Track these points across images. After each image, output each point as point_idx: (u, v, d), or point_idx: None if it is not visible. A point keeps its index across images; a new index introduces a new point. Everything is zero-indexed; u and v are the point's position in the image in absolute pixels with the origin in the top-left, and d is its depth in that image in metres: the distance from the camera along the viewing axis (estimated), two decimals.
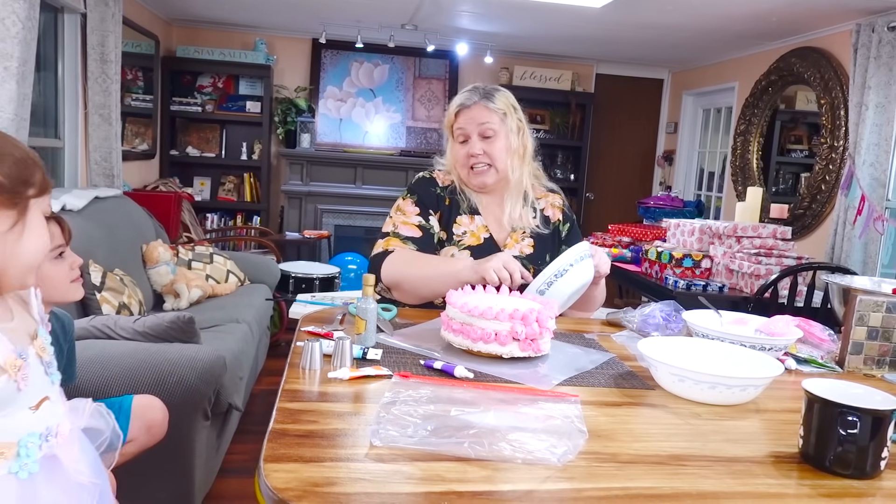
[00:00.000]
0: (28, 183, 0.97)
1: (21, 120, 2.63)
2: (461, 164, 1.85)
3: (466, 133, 1.82)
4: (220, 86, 5.67)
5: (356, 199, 5.61)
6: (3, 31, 2.50)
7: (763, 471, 0.93)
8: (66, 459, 1.05)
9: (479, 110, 1.81)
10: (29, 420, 1.00)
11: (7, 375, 0.95)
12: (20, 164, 0.97)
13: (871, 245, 3.58)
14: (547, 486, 0.84)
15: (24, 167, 0.98)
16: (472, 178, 1.85)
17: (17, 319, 1.03)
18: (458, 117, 1.83)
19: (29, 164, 0.98)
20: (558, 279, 1.55)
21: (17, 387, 0.96)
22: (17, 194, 0.96)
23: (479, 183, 1.85)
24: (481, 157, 1.81)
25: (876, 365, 1.47)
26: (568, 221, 1.95)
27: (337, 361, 1.19)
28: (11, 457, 0.97)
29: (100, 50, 3.63)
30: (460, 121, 1.82)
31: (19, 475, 0.97)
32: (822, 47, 4.19)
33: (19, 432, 0.98)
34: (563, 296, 1.58)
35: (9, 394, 0.96)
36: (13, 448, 0.97)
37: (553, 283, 1.55)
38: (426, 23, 4.98)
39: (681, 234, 3.49)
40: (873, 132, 3.55)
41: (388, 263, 1.72)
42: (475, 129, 1.81)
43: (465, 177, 1.86)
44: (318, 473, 0.82)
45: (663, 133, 6.38)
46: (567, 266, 1.55)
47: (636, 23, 4.42)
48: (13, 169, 0.95)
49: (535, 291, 1.55)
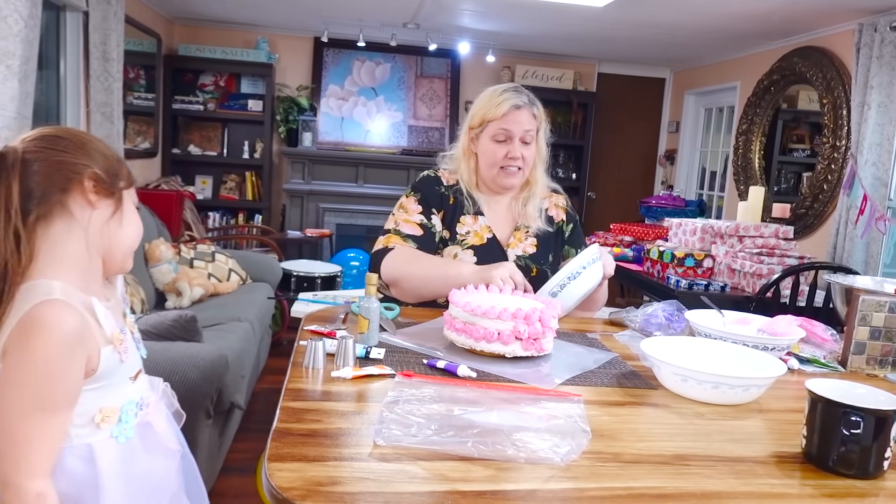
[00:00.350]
0: (119, 176, 1.11)
1: (23, 118, 2.63)
2: (494, 162, 1.81)
3: (510, 134, 1.78)
4: (221, 84, 5.67)
5: (358, 197, 5.61)
6: (6, 29, 2.51)
7: (766, 471, 0.93)
8: (157, 427, 1.16)
9: (527, 115, 1.79)
10: (129, 389, 1.11)
11: (112, 347, 1.06)
12: (110, 160, 1.10)
13: (872, 245, 3.58)
14: (550, 485, 0.84)
15: (114, 163, 1.11)
16: (503, 179, 1.82)
17: (112, 300, 1.16)
18: (506, 117, 1.77)
19: (116, 160, 1.12)
20: (571, 282, 1.57)
21: (119, 358, 1.07)
22: (112, 185, 1.09)
23: (507, 184, 1.83)
24: (518, 161, 1.80)
25: (878, 365, 1.47)
26: (571, 222, 1.96)
27: (340, 360, 1.20)
28: (114, 422, 1.07)
29: (102, 48, 3.63)
30: (507, 121, 1.78)
31: (119, 439, 1.08)
32: (824, 47, 4.18)
33: (121, 400, 1.09)
34: (574, 298, 1.61)
35: (114, 364, 1.07)
36: (116, 414, 1.08)
37: (566, 286, 1.57)
38: (428, 21, 4.98)
39: (683, 233, 3.49)
40: (875, 132, 3.54)
41: (389, 260, 1.72)
42: (519, 133, 1.78)
43: (494, 175, 1.83)
44: (322, 473, 0.82)
45: (665, 132, 6.38)
46: (580, 269, 1.57)
47: (638, 22, 4.41)
48: (106, 164, 1.09)
49: (548, 294, 1.56)
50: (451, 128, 5.90)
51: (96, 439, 1.05)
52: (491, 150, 1.80)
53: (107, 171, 1.08)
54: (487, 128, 1.80)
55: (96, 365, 1.03)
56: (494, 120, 1.78)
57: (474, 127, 1.83)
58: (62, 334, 0.98)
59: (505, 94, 1.80)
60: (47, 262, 1.03)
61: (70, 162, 1.05)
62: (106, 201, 1.09)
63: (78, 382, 1.02)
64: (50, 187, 1.03)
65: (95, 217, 1.08)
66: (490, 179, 1.85)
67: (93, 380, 1.04)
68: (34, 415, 0.97)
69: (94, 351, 1.03)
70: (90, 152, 1.08)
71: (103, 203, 1.08)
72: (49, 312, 0.98)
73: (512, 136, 1.78)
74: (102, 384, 1.06)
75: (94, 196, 1.07)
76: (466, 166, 1.87)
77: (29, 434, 0.97)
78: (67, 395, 1.01)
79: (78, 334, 1.00)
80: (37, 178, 1.03)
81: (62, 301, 1.00)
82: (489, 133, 1.80)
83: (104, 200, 1.08)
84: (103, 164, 1.08)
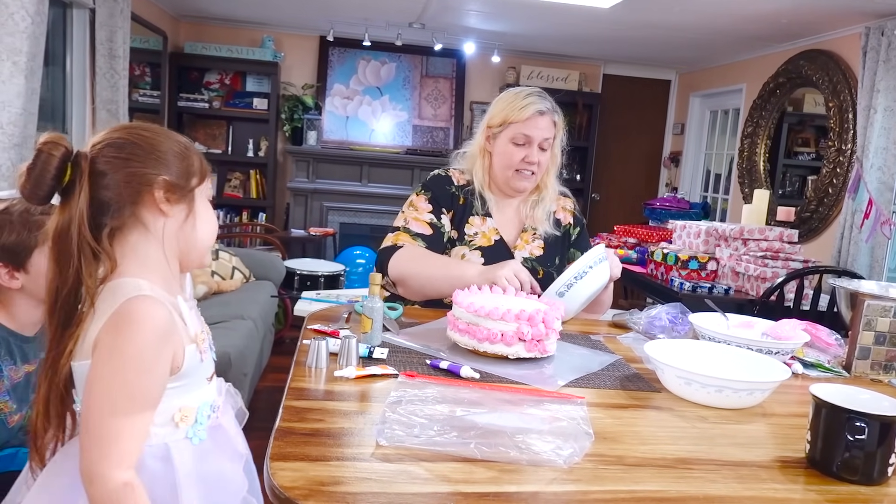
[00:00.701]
0: (190, 175, 1.09)
1: (29, 114, 2.64)
2: (510, 164, 1.81)
3: (531, 139, 1.78)
4: (227, 82, 5.68)
5: (362, 196, 5.62)
6: (13, 25, 2.51)
7: (770, 475, 0.93)
8: (228, 430, 1.16)
9: (548, 122, 1.79)
10: (205, 390, 1.11)
11: (195, 346, 1.07)
12: (181, 159, 1.08)
13: (877, 249, 3.57)
14: (553, 487, 0.84)
15: (185, 160, 1.08)
16: (516, 181, 1.82)
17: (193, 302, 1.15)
18: (529, 121, 1.77)
19: (187, 156, 1.09)
20: (577, 281, 1.56)
21: (200, 358, 1.08)
22: (183, 188, 1.07)
23: (520, 187, 1.83)
24: (534, 167, 1.80)
25: (883, 370, 1.46)
26: (578, 225, 1.96)
27: (343, 360, 1.19)
28: (190, 422, 1.07)
29: (108, 45, 3.64)
30: (529, 125, 1.77)
31: (193, 440, 1.07)
32: (830, 50, 4.17)
33: (198, 400, 1.09)
34: (581, 298, 1.60)
35: (196, 363, 1.07)
36: (193, 414, 1.07)
37: (572, 286, 1.56)
38: (434, 21, 4.98)
39: (687, 235, 3.48)
40: (881, 136, 3.53)
41: (396, 259, 1.72)
42: (539, 139, 1.78)
43: (508, 177, 1.83)
44: (324, 472, 0.82)
45: (670, 134, 6.37)
46: (586, 269, 1.57)
47: (644, 23, 4.41)
48: (177, 166, 1.07)
49: (555, 294, 1.55)
50: (456, 128, 5.90)
51: (173, 439, 1.05)
52: (509, 152, 1.80)
53: (179, 175, 1.07)
54: (508, 129, 1.80)
55: (181, 362, 1.04)
56: (516, 122, 1.78)
57: (493, 126, 1.83)
58: (153, 329, 0.99)
59: (530, 97, 1.79)
60: (130, 263, 1.04)
61: (140, 173, 1.04)
62: (178, 207, 1.08)
63: (165, 378, 1.02)
64: (121, 201, 1.03)
65: (169, 224, 1.07)
66: (503, 181, 1.84)
67: (176, 377, 1.04)
68: (123, 409, 0.97)
69: (179, 348, 1.03)
70: (161, 156, 1.06)
71: (176, 209, 1.07)
72: (140, 307, 0.99)
73: (531, 141, 1.78)
74: (184, 383, 1.06)
75: (166, 205, 1.06)
76: (481, 165, 1.86)
77: (117, 427, 0.96)
78: (155, 390, 1.01)
79: (167, 329, 1.01)
80: (108, 192, 1.03)
81: (152, 297, 1.00)
82: (509, 135, 1.80)
83: (176, 206, 1.07)
84: (175, 166, 1.07)
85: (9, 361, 1.50)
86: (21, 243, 1.47)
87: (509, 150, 1.80)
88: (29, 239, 1.48)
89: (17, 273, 1.48)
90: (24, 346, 1.54)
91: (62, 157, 1.00)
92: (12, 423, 1.51)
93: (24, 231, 1.48)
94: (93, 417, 0.97)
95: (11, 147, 2.53)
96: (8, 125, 2.52)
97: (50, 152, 1.00)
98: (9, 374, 1.50)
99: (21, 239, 1.47)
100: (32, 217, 1.50)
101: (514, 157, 1.79)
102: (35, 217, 1.51)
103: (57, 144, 1.00)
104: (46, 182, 1.00)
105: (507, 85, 5.71)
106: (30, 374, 1.56)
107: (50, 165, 1.00)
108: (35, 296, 1.53)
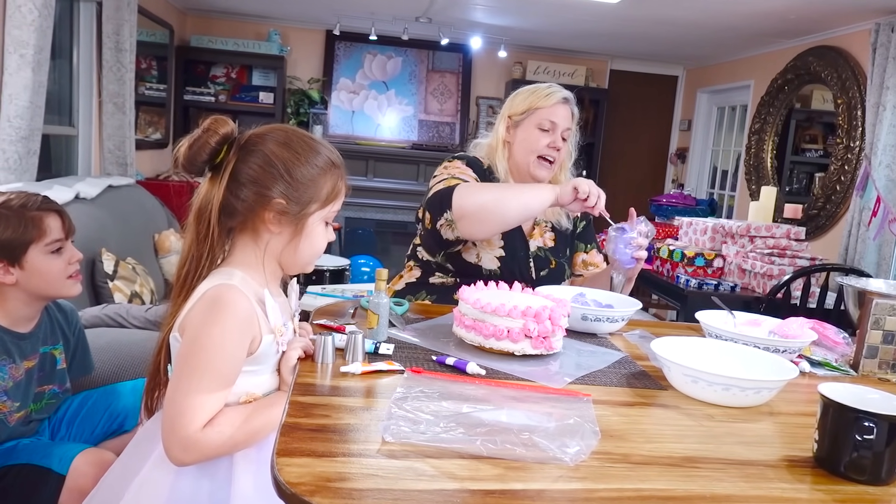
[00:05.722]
0: (311, 201, 1.16)
1: (36, 107, 2.64)
2: (534, 149, 1.82)
3: (555, 125, 1.81)
4: (233, 76, 5.68)
5: (368, 191, 5.61)
6: (20, 18, 2.51)
7: (777, 475, 0.92)
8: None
9: (569, 112, 1.84)
10: (270, 380, 1.19)
11: (273, 336, 1.14)
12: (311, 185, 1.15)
13: (885, 247, 3.55)
14: (559, 485, 0.83)
15: (313, 186, 1.16)
16: (537, 169, 1.84)
17: (282, 298, 1.24)
18: (555, 108, 1.81)
19: (317, 181, 1.17)
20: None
21: (276, 349, 1.15)
22: (297, 216, 1.16)
23: (539, 175, 1.85)
24: (555, 153, 1.83)
25: (891, 369, 1.46)
26: (585, 219, 1.99)
27: (349, 356, 1.19)
28: None
29: (115, 39, 3.64)
30: (555, 112, 1.82)
31: None
32: (839, 46, 4.15)
33: (263, 388, 1.17)
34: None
35: (270, 352, 1.15)
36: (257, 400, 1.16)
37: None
38: (440, 16, 4.97)
39: (693, 232, 3.47)
40: (890, 133, 3.51)
41: (460, 191, 1.65)
42: (563, 126, 1.82)
43: (529, 163, 1.84)
44: (330, 468, 0.82)
45: (677, 130, 6.34)
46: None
47: (652, 18, 4.38)
48: (302, 191, 1.15)
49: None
50: (462, 123, 5.89)
51: None
52: (534, 137, 1.82)
53: (299, 200, 1.14)
54: (533, 115, 1.82)
55: (256, 347, 1.12)
56: (543, 108, 1.81)
57: (515, 115, 1.85)
58: (237, 315, 1.08)
59: (552, 87, 1.85)
60: (233, 256, 1.17)
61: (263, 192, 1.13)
62: (287, 228, 1.16)
63: (241, 362, 1.11)
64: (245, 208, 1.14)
65: (274, 240, 1.17)
66: (525, 168, 1.85)
67: (250, 361, 1.12)
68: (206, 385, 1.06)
69: (257, 335, 1.12)
70: (290, 177, 1.13)
71: (284, 229, 1.16)
72: (227, 294, 1.09)
73: (556, 128, 1.82)
74: (255, 368, 1.14)
75: (275, 225, 1.15)
76: (502, 155, 1.87)
77: (200, 401, 1.06)
78: (233, 373, 1.10)
79: (248, 318, 1.10)
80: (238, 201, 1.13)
81: (237, 287, 1.10)
82: (535, 121, 1.82)
83: (285, 228, 1.16)
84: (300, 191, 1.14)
85: (8, 360, 1.48)
86: (17, 239, 1.46)
87: (535, 136, 1.82)
88: (25, 234, 1.47)
89: (12, 269, 1.46)
90: (20, 342, 1.51)
91: (224, 135, 1.12)
92: (13, 421, 1.50)
93: (21, 226, 1.46)
94: (178, 393, 1.07)
95: (18, 140, 2.54)
96: (15, 118, 2.52)
97: (216, 130, 1.11)
98: (10, 373, 1.49)
99: (17, 234, 1.46)
100: (29, 213, 1.48)
101: (539, 141, 1.82)
102: (32, 213, 1.49)
103: (225, 122, 1.12)
104: (205, 153, 1.11)
105: (514, 80, 5.70)
106: (31, 370, 1.55)
107: (211, 139, 1.11)
108: (29, 292, 1.51)
